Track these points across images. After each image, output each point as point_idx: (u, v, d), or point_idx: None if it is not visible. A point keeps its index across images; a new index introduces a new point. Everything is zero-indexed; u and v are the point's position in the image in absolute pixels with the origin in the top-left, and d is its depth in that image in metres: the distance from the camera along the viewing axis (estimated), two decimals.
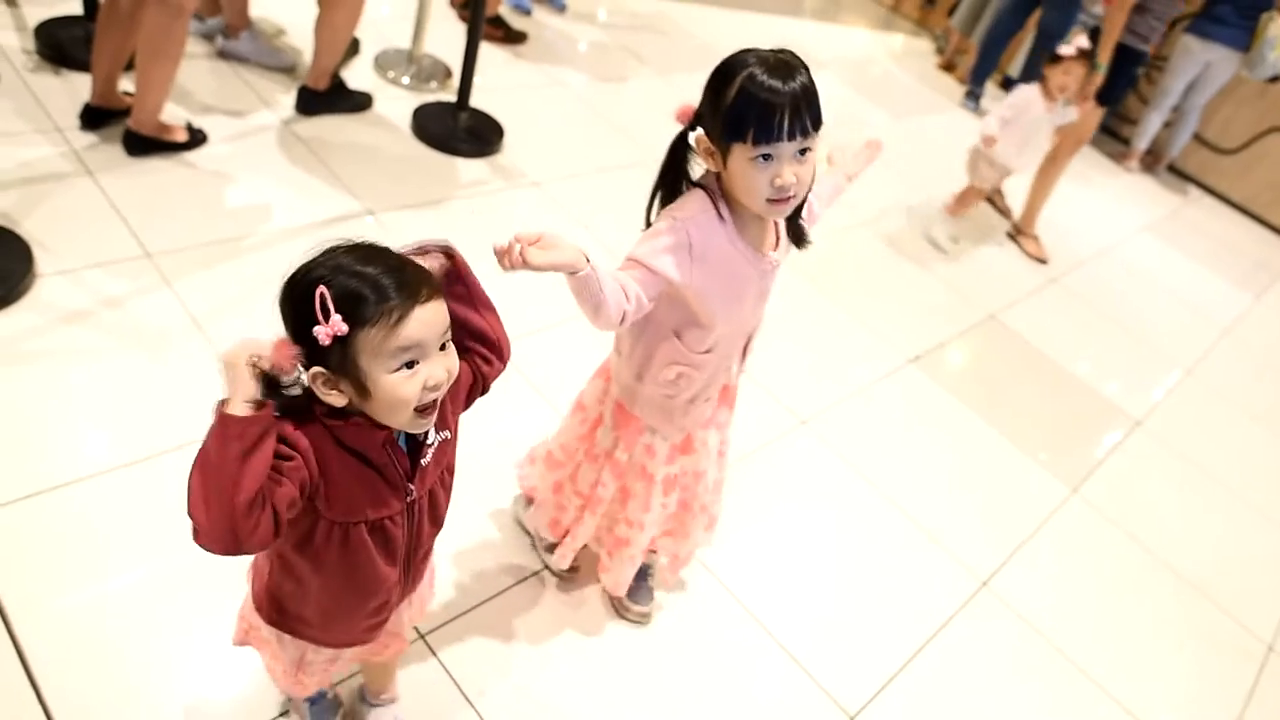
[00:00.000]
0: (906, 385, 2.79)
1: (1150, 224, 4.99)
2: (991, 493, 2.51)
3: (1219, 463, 3.05)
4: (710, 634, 1.80)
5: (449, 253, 1.03)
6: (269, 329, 0.90)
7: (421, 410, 0.95)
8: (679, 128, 1.28)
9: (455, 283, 1.05)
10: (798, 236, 1.36)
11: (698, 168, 1.29)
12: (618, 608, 1.77)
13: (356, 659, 1.30)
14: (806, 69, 1.17)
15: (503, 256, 1.05)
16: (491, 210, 2.82)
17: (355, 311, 0.87)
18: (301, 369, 0.90)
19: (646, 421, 1.50)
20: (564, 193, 3.04)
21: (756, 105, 1.12)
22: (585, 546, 1.69)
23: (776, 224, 1.34)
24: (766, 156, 1.15)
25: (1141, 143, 5.62)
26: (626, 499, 1.59)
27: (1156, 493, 2.80)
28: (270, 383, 0.89)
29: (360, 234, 0.95)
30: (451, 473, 1.14)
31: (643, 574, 1.75)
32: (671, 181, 1.30)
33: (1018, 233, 4.04)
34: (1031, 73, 5.36)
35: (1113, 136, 6.12)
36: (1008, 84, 6.06)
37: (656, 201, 1.32)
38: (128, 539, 1.56)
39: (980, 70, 5.51)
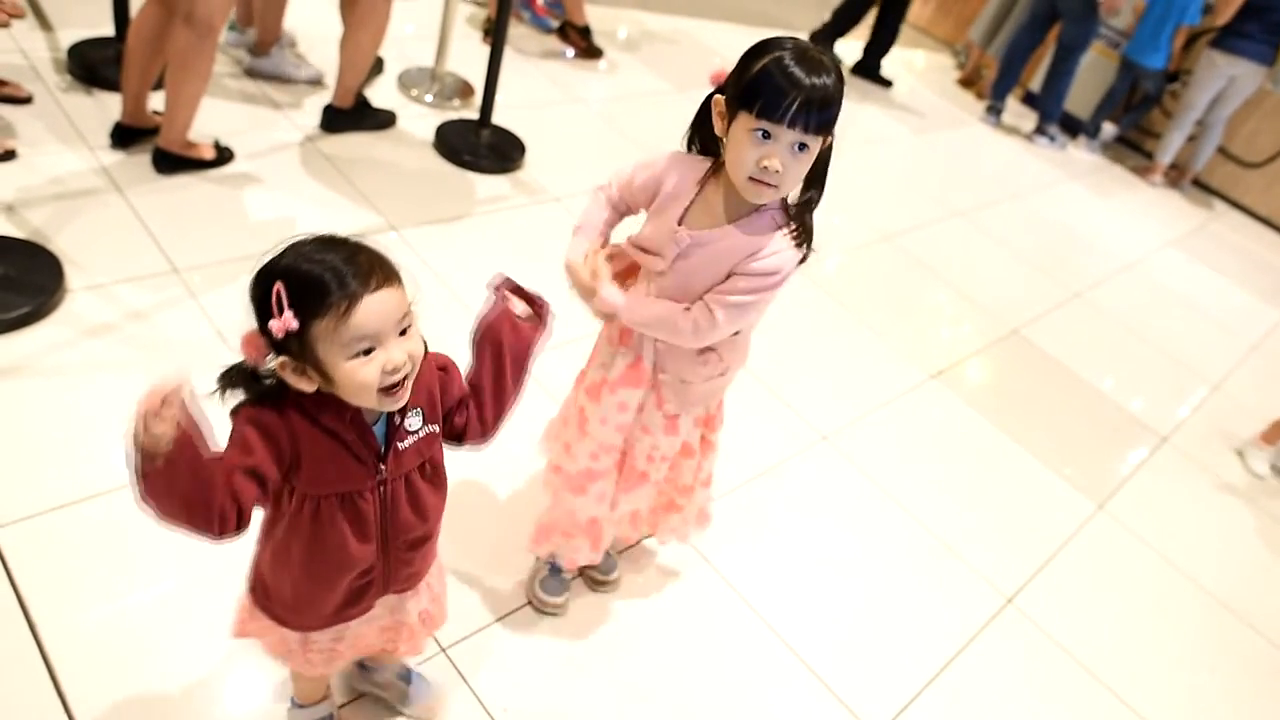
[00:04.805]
0: (929, 400, 2.77)
1: (1175, 239, 4.94)
2: (1016, 509, 2.48)
3: (1249, 480, 3.00)
4: (732, 649, 1.79)
5: (538, 304, 1.18)
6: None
7: (386, 390, 0.97)
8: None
9: (517, 322, 1.16)
10: (806, 233, 1.31)
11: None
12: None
13: (368, 651, 1.31)
14: (838, 74, 1.18)
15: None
16: (513, 225, 2.83)
17: (308, 304, 0.91)
18: (271, 358, 0.95)
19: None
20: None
21: (771, 83, 1.16)
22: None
23: (730, 206, 1.30)
24: (765, 134, 1.18)
25: (1165, 157, 5.57)
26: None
27: (1184, 509, 2.76)
28: (248, 374, 0.97)
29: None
30: (437, 469, 1.15)
31: (556, 568, 1.72)
32: (699, 136, 1.35)
33: None
34: (1052, 86, 5.38)
35: (1136, 151, 6.08)
36: (1029, 99, 6.05)
37: (694, 148, 1.37)
38: (153, 551, 1.57)
39: (1001, 85, 5.50)
